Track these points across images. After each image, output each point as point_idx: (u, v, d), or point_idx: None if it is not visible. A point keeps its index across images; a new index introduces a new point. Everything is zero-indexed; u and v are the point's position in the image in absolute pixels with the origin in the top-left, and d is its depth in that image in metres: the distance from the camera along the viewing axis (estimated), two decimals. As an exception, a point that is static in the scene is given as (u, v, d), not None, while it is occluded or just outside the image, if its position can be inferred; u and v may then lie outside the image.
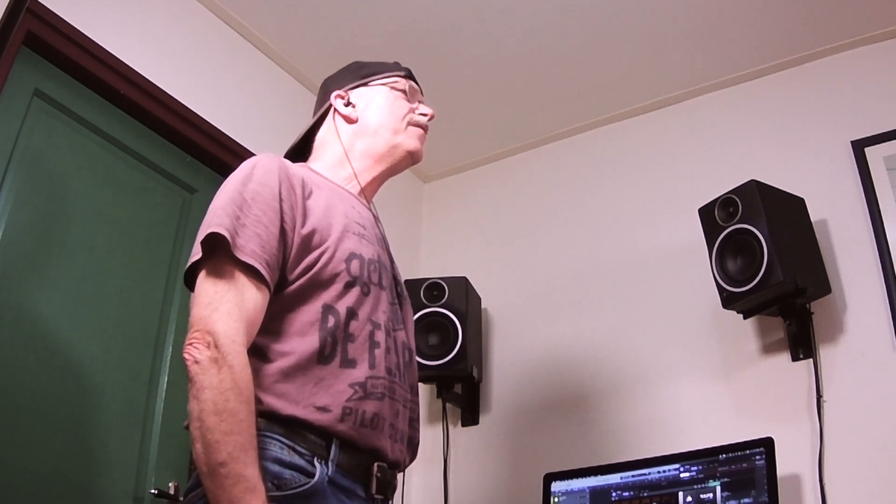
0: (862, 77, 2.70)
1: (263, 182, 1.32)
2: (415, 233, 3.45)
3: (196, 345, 1.17)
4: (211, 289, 1.22)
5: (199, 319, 1.20)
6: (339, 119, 1.60)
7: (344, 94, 1.61)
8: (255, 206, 1.29)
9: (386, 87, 1.63)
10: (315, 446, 1.23)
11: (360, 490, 1.28)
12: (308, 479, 1.20)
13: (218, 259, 1.24)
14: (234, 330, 1.19)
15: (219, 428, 1.12)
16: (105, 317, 2.16)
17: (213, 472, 1.11)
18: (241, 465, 1.11)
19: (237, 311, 1.20)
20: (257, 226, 1.27)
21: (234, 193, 1.30)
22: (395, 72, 1.66)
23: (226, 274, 1.23)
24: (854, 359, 2.36)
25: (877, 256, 2.43)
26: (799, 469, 2.28)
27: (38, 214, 2.07)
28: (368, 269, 1.38)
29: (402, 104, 1.62)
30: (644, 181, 3.00)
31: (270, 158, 1.38)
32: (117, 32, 2.32)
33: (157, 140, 2.45)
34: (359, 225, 1.43)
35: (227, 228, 1.24)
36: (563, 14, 2.74)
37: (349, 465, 1.26)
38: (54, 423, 1.97)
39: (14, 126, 2.05)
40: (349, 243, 1.37)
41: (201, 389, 1.14)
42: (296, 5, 2.74)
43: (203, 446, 1.12)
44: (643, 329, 2.75)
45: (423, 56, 2.88)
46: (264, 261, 1.25)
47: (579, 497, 2.35)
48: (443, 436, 2.93)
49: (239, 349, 1.18)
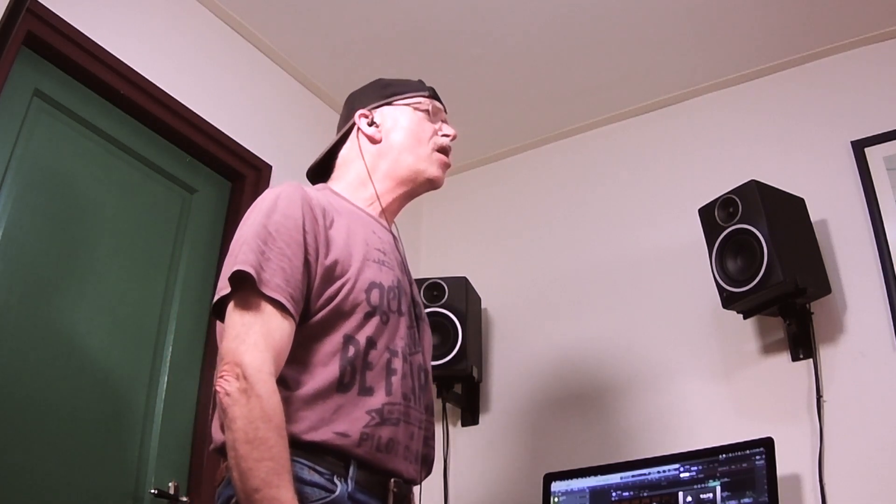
0: (862, 77, 2.70)
1: (287, 214, 1.35)
2: (415, 233, 3.45)
3: (226, 377, 1.21)
4: (238, 321, 1.26)
5: (228, 352, 1.24)
6: (363, 138, 1.61)
7: (368, 112, 1.63)
8: (280, 239, 1.32)
9: (410, 108, 1.65)
10: (335, 466, 1.27)
11: None
12: (328, 494, 1.24)
13: (244, 293, 1.28)
14: (261, 360, 1.23)
15: (251, 456, 1.16)
16: (105, 316, 2.16)
17: (248, 498, 1.15)
18: (275, 489, 1.15)
19: (263, 343, 1.24)
20: (282, 259, 1.30)
21: (259, 227, 1.33)
22: (419, 91, 1.68)
23: (252, 307, 1.27)
24: (854, 359, 2.36)
25: (877, 256, 2.43)
26: (799, 469, 2.28)
27: (39, 214, 2.07)
28: (388, 296, 1.41)
29: (425, 126, 1.64)
30: (644, 181, 3.00)
31: (293, 189, 1.40)
32: (117, 32, 2.32)
33: (157, 140, 2.45)
34: (379, 251, 1.45)
35: (251, 265, 1.27)
36: (563, 14, 2.74)
37: (367, 481, 1.31)
38: (54, 423, 1.97)
39: (14, 126, 2.05)
40: (369, 272, 1.40)
41: (233, 420, 1.18)
42: (296, 5, 2.74)
43: (238, 474, 1.16)
44: (643, 329, 2.75)
45: (424, 56, 2.88)
46: (289, 294, 1.29)
47: (579, 497, 2.35)
48: (443, 436, 2.93)
49: (266, 378, 1.22)
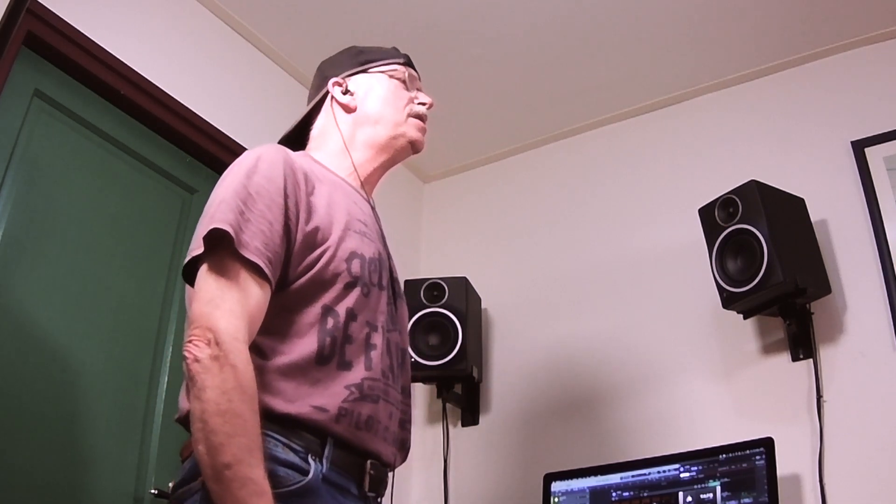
0: (862, 77, 2.70)
1: (268, 176, 1.29)
2: (415, 233, 3.45)
3: (196, 342, 1.14)
4: (213, 285, 1.19)
5: (200, 316, 1.17)
6: (338, 107, 1.57)
7: (342, 81, 1.58)
8: (260, 201, 1.26)
9: (385, 76, 1.60)
10: (310, 443, 1.21)
11: (353, 487, 1.27)
12: (302, 477, 1.18)
13: (220, 255, 1.21)
14: (236, 328, 1.16)
15: (222, 429, 1.09)
16: (105, 317, 2.16)
17: (218, 474, 1.08)
18: (248, 467, 1.08)
19: (239, 309, 1.18)
20: (261, 222, 1.24)
21: (238, 186, 1.27)
22: (394, 59, 1.63)
23: (228, 270, 1.20)
24: (854, 359, 2.36)
25: (877, 256, 2.43)
26: (799, 469, 2.28)
27: (38, 214, 2.07)
28: (369, 268, 1.36)
29: (401, 93, 1.59)
30: (644, 181, 3.00)
31: (275, 150, 1.35)
32: (117, 32, 2.32)
33: (157, 140, 2.45)
34: (360, 222, 1.40)
35: (230, 224, 1.21)
36: (563, 14, 2.74)
37: (343, 462, 1.25)
38: (54, 424, 1.97)
39: (14, 126, 2.05)
40: (351, 242, 1.35)
41: (203, 389, 1.11)
42: (296, 5, 2.74)
43: (207, 448, 1.09)
44: (643, 329, 2.75)
45: (424, 56, 2.86)
46: (267, 258, 1.23)
47: (579, 497, 2.35)
48: (443, 436, 2.93)
49: (241, 347, 1.15)
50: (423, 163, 3.48)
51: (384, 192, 1.68)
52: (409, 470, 2.98)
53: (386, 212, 1.72)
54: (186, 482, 1.20)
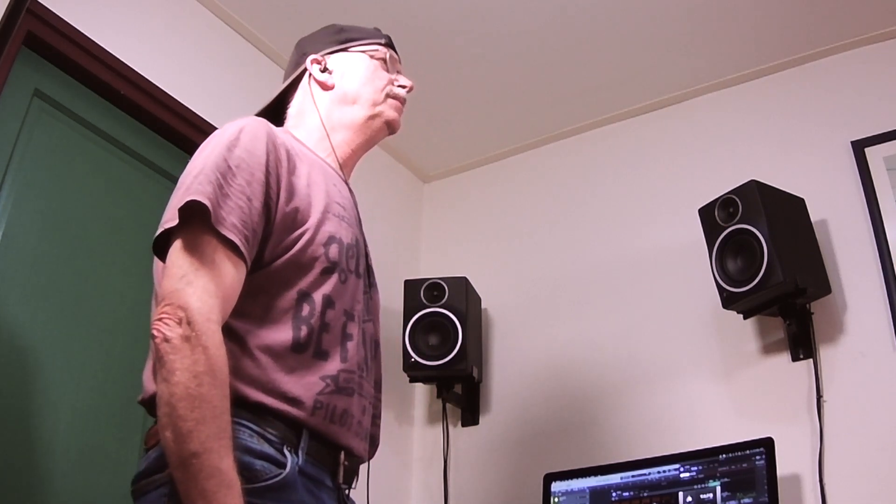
0: (862, 77, 2.70)
1: (250, 150, 1.24)
2: (415, 233, 3.45)
3: (166, 320, 1.07)
4: (186, 260, 1.13)
5: (171, 293, 1.10)
6: (315, 86, 1.53)
7: (321, 59, 1.55)
8: (240, 176, 1.20)
9: (365, 55, 1.57)
10: (285, 433, 1.17)
11: (327, 479, 1.24)
12: (280, 471, 1.14)
13: (195, 229, 1.15)
14: (210, 307, 1.10)
15: (191, 416, 1.03)
16: (105, 316, 2.16)
17: (184, 463, 1.02)
18: (216, 456, 1.03)
19: (213, 288, 1.12)
20: (240, 197, 1.19)
21: (218, 158, 1.21)
22: (375, 39, 1.60)
23: (203, 246, 1.14)
24: (854, 359, 2.35)
25: (877, 256, 2.43)
26: (799, 469, 2.28)
27: (38, 214, 2.07)
28: (347, 254, 1.32)
29: (381, 74, 1.56)
30: (644, 181, 3.00)
31: (258, 123, 1.30)
32: (117, 32, 2.32)
33: (156, 140, 2.45)
34: (339, 205, 1.36)
35: (208, 197, 1.15)
36: (562, 14, 2.74)
37: (318, 454, 1.22)
38: (54, 423, 1.97)
39: (14, 126, 2.05)
40: (329, 225, 1.30)
41: (172, 371, 1.05)
42: (295, 5, 2.74)
43: (173, 435, 1.03)
44: (643, 329, 2.75)
45: (424, 56, 2.88)
46: (244, 236, 1.17)
47: (579, 497, 2.35)
48: (443, 436, 2.93)
49: (214, 328, 1.09)
50: (423, 163, 3.48)
51: (384, 191, 1.68)
52: (409, 470, 2.98)
53: (386, 212, 1.73)
54: (151, 472, 1.14)
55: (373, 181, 3.17)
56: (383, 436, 1.48)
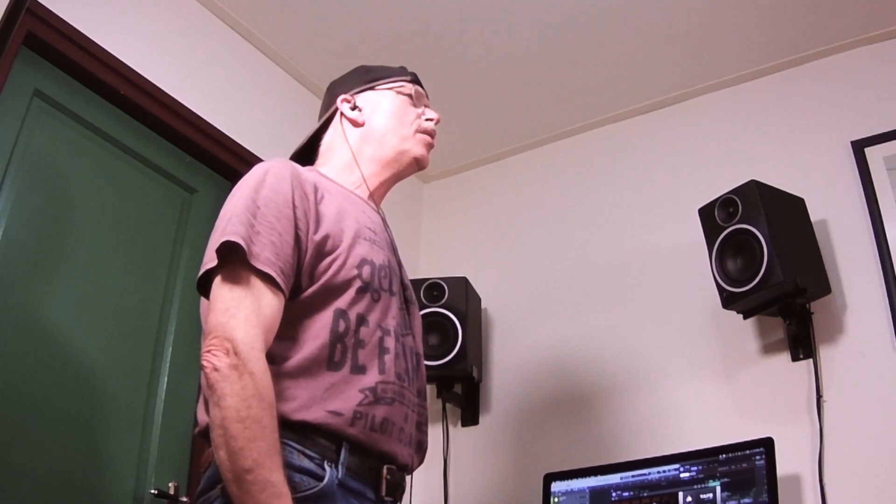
0: (862, 77, 2.70)
1: (276, 189, 1.32)
2: (415, 233, 3.45)
3: (215, 352, 1.17)
4: (228, 295, 1.22)
5: (216, 326, 1.20)
6: (346, 123, 1.61)
7: (350, 97, 1.63)
8: (269, 213, 1.29)
9: (392, 92, 1.64)
10: (325, 450, 1.24)
11: (370, 492, 1.29)
12: (317, 483, 1.20)
13: (233, 266, 1.25)
14: (253, 336, 1.19)
15: (243, 435, 1.12)
16: (105, 317, 2.16)
17: (238, 478, 1.11)
18: (268, 471, 1.12)
19: (255, 318, 1.21)
20: (271, 233, 1.27)
21: (248, 200, 1.30)
22: (401, 76, 1.67)
23: (242, 281, 1.23)
24: (854, 359, 2.36)
25: (877, 256, 2.43)
26: (799, 469, 2.28)
27: (38, 214, 2.07)
28: (379, 274, 1.39)
29: (408, 109, 1.63)
30: (644, 181, 3.00)
31: (282, 164, 1.39)
32: (117, 32, 2.32)
33: (157, 140, 2.45)
34: (370, 230, 1.43)
35: (241, 237, 1.24)
36: (562, 14, 2.74)
37: (359, 467, 1.27)
38: (54, 424, 1.97)
39: (14, 126, 2.05)
40: (361, 249, 1.38)
41: (223, 397, 1.14)
42: (296, 5, 2.74)
43: (227, 454, 1.12)
44: (643, 329, 2.75)
45: (424, 56, 2.88)
46: (279, 268, 1.26)
47: (579, 497, 2.35)
48: (443, 436, 2.93)
49: (259, 356, 1.18)
50: (423, 163, 3.48)
51: (384, 191, 1.69)
52: (409, 470, 2.98)
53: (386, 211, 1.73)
54: (205, 492, 1.23)
55: (373, 181, 3.17)
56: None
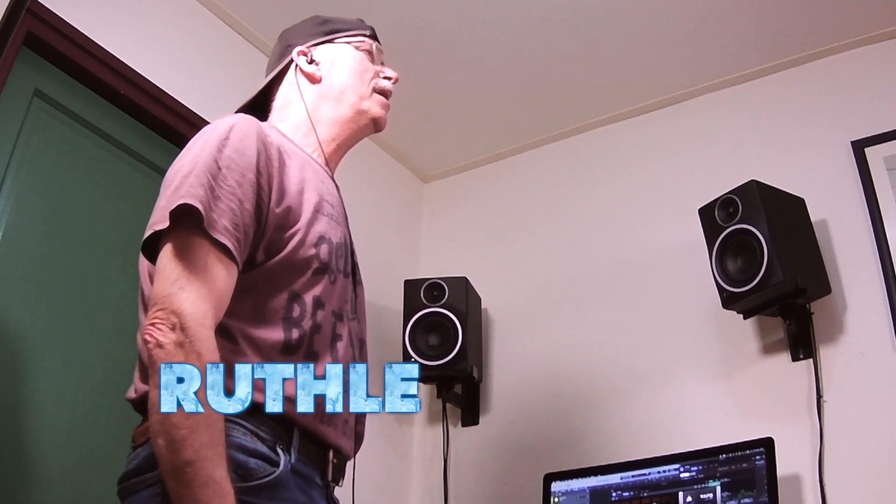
0: (862, 77, 2.70)
1: (240, 150, 1.22)
2: (415, 233, 3.44)
3: (160, 325, 1.07)
4: (178, 265, 1.11)
5: (163, 298, 1.09)
6: (302, 78, 1.51)
7: (307, 50, 1.53)
8: (231, 177, 1.19)
9: (351, 47, 1.55)
10: (277, 431, 1.17)
11: (317, 477, 1.25)
12: (273, 469, 1.14)
13: (186, 231, 1.14)
14: (203, 312, 1.09)
15: (185, 423, 1.02)
16: (105, 316, 2.16)
17: (177, 471, 1.02)
18: (211, 465, 1.03)
19: (206, 292, 1.11)
20: (231, 199, 1.17)
21: (209, 159, 1.19)
22: (360, 30, 1.58)
23: (195, 249, 1.13)
24: (854, 359, 2.35)
25: (877, 256, 2.43)
26: (799, 469, 2.28)
27: (38, 214, 2.07)
28: (336, 254, 1.32)
29: (367, 66, 1.54)
30: (644, 181, 3.00)
31: (247, 122, 1.28)
32: (117, 32, 2.32)
33: (157, 140, 2.45)
34: (329, 204, 1.35)
35: (200, 200, 1.13)
36: (562, 14, 2.74)
37: (309, 453, 1.22)
38: (54, 424, 1.97)
39: (14, 126, 2.05)
40: (320, 225, 1.30)
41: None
42: (296, 6, 2.73)
43: (167, 443, 1.03)
44: (643, 329, 2.75)
45: (424, 56, 2.88)
46: (236, 238, 1.16)
47: (579, 497, 2.35)
48: (443, 436, 2.93)
49: (208, 334, 1.09)
50: (423, 163, 3.48)
51: (384, 191, 1.68)
52: (409, 470, 2.98)
53: (386, 212, 1.73)
54: (141, 471, 1.14)
55: (373, 181, 3.17)
56: (383, 436, 1.48)
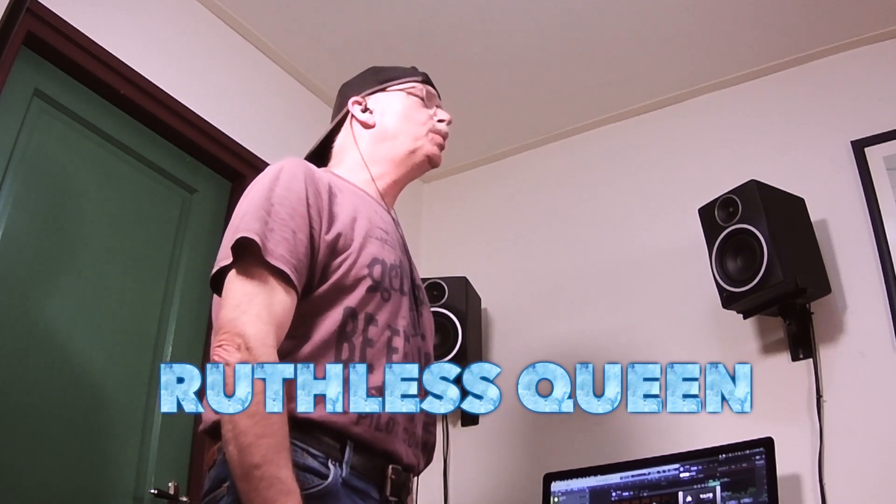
0: (862, 77, 2.70)
1: (290, 187, 1.32)
2: (415, 233, 3.44)
3: (226, 347, 1.16)
4: (240, 291, 1.22)
5: (228, 322, 1.19)
6: (357, 125, 1.61)
7: (361, 99, 1.63)
8: (283, 211, 1.29)
9: (403, 93, 1.64)
10: (329, 448, 1.23)
11: (373, 492, 1.28)
12: (321, 481, 1.20)
13: (247, 262, 1.24)
14: (265, 333, 1.19)
15: (252, 430, 1.11)
16: (105, 317, 2.16)
17: (247, 474, 1.11)
18: (276, 467, 1.11)
19: (267, 314, 1.21)
20: (285, 230, 1.27)
21: (262, 199, 1.30)
22: (412, 77, 1.67)
23: (255, 276, 1.23)
24: (854, 359, 2.36)
25: (877, 256, 2.43)
26: (799, 469, 2.28)
27: (38, 214, 2.07)
28: (390, 274, 1.39)
29: (419, 110, 1.64)
30: (644, 181, 3.00)
31: (296, 162, 1.39)
32: (117, 32, 2.32)
33: (157, 140, 2.45)
34: (381, 230, 1.44)
35: (256, 233, 1.24)
36: (563, 14, 2.74)
37: (364, 467, 1.26)
38: (54, 424, 1.97)
39: (14, 126, 2.05)
40: (372, 248, 1.38)
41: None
42: (296, 5, 2.74)
43: (236, 449, 1.12)
44: (643, 329, 2.75)
45: (424, 56, 2.87)
46: (293, 265, 1.26)
47: (579, 497, 2.35)
48: (443, 436, 2.93)
49: (269, 352, 1.18)
50: (423, 163, 3.48)
51: (383, 191, 1.69)
52: (409, 470, 2.98)
53: (386, 211, 1.73)
54: (211, 490, 1.23)
55: (373, 181, 3.16)
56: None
